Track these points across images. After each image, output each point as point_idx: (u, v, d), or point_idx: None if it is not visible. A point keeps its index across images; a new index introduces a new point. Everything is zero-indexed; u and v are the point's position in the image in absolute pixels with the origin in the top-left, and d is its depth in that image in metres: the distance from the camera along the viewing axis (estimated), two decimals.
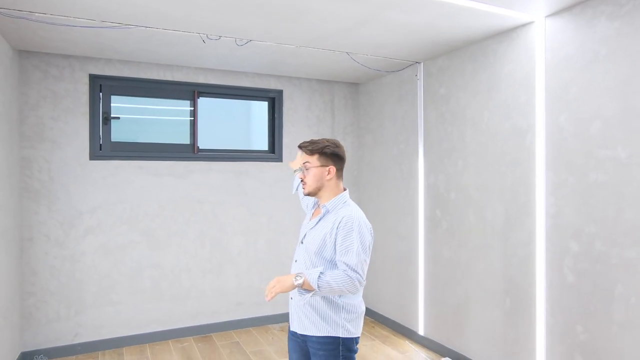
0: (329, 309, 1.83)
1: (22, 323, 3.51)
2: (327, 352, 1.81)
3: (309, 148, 1.90)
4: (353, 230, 1.77)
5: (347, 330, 1.85)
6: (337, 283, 1.71)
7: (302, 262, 1.91)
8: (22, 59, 3.50)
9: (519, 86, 2.93)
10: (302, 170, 1.91)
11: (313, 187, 1.91)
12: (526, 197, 2.87)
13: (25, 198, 3.52)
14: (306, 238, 1.92)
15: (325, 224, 1.85)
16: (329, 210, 1.88)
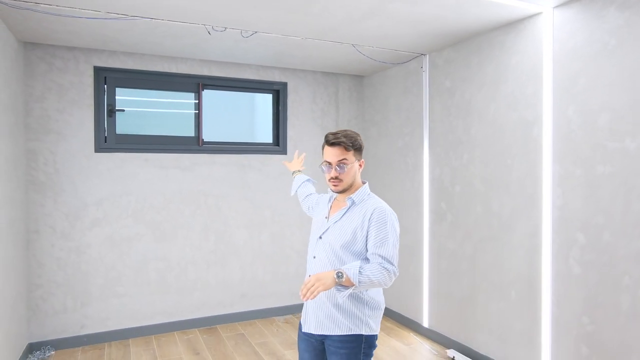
0: (353, 306, 1.76)
1: (29, 314, 3.53)
2: (348, 350, 1.76)
3: (348, 144, 1.76)
4: (387, 222, 1.73)
5: (369, 327, 1.79)
6: (376, 277, 1.64)
7: (324, 258, 1.80)
8: (27, 50, 3.50)
9: (526, 78, 2.91)
10: (333, 167, 1.76)
11: (349, 184, 1.80)
12: (533, 189, 2.86)
13: (31, 190, 3.53)
14: (328, 233, 1.81)
15: (353, 216, 1.78)
16: (355, 203, 1.81)
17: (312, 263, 1.86)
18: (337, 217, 1.82)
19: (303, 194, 2.28)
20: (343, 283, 1.61)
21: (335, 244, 1.78)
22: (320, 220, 1.91)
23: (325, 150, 1.81)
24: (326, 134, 1.82)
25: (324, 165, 1.81)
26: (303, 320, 1.90)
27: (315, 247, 1.85)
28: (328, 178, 1.80)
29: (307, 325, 1.86)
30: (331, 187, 1.81)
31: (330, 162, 1.78)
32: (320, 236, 1.84)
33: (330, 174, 1.78)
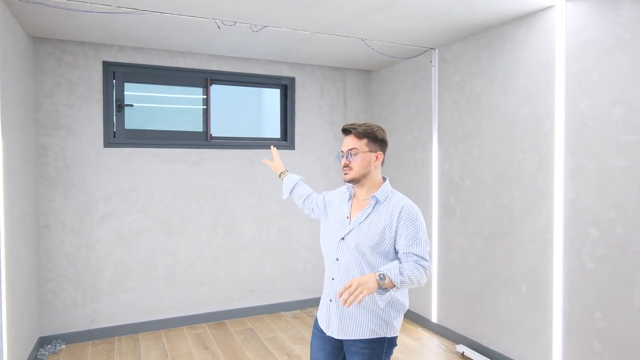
0: (380, 310, 1.72)
1: (40, 308, 3.56)
2: (372, 350, 1.73)
3: (358, 130, 1.74)
4: (416, 219, 1.71)
5: (393, 328, 1.76)
6: (415, 275, 1.62)
7: (350, 260, 1.74)
8: (37, 45, 3.50)
9: (538, 72, 2.89)
10: (345, 155, 1.77)
11: (360, 174, 1.75)
12: (544, 184, 2.85)
13: (42, 185, 3.54)
14: (352, 234, 1.74)
15: (380, 216, 1.73)
16: (379, 201, 1.75)
17: (334, 265, 1.78)
18: (361, 217, 1.75)
19: (301, 196, 2.16)
20: (385, 285, 1.58)
21: (362, 245, 1.71)
22: (340, 220, 1.82)
23: (344, 140, 1.82)
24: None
25: (343, 154, 1.80)
26: (324, 323, 1.82)
27: (338, 248, 1.77)
28: (342, 167, 1.80)
29: (329, 329, 1.79)
30: (344, 177, 1.80)
31: (342, 150, 1.80)
32: (343, 237, 1.77)
33: (343, 161, 1.78)
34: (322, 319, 1.85)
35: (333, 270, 1.78)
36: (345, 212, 1.82)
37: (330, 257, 1.81)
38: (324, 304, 1.84)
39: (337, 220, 1.83)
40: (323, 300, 1.87)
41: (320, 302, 1.91)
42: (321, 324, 1.85)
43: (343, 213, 1.83)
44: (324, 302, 1.85)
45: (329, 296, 1.80)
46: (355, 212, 1.80)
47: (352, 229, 1.76)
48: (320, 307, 1.90)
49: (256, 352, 3.47)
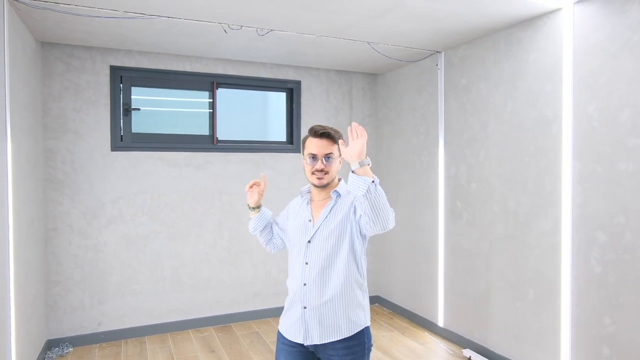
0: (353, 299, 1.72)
1: (48, 311, 3.58)
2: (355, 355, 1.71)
3: (334, 135, 1.73)
4: None
5: (367, 315, 1.78)
6: (384, 197, 1.54)
7: (319, 261, 1.72)
8: (45, 50, 3.53)
9: (545, 75, 2.87)
10: (320, 159, 1.72)
11: (332, 179, 1.76)
12: (552, 187, 2.83)
13: (50, 189, 3.57)
14: (318, 234, 1.74)
15: (341, 207, 1.74)
16: (340, 195, 1.77)
17: (304, 270, 1.74)
18: (324, 214, 1.76)
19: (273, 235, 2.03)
20: (362, 171, 1.50)
21: (329, 238, 1.72)
22: (302, 225, 1.80)
23: (310, 143, 1.75)
24: (311, 127, 1.77)
25: (308, 157, 1.74)
26: (298, 333, 1.74)
27: (306, 253, 1.75)
28: (312, 170, 1.74)
29: (308, 337, 1.72)
30: (314, 180, 1.75)
31: (316, 154, 1.73)
32: (310, 240, 1.75)
33: (316, 166, 1.72)
34: (293, 329, 1.76)
35: (304, 275, 1.74)
36: (306, 216, 1.81)
37: (298, 263, 1.77)
38: (296, 313, 1.75)
39: (299, 227, 1.81)
40: (292, 310, 1.77)
41: (287, 314, 1.80)
42: (292, 335, 1.76)
43: (304, 217, 1.81)
44: (295, 311, 1.75)
45: (302, 304, 1.73)
46: (317, 213, 1.79)
47: (318, 229, 1.75)
48: (287, 319, 1.79)
49: (262, 356, 3.47)
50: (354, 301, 1.73)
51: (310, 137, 1.76)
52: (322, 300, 1.70)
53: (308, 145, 1.76)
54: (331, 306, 1.70)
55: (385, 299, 4.64)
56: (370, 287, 4.75)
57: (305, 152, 1.77)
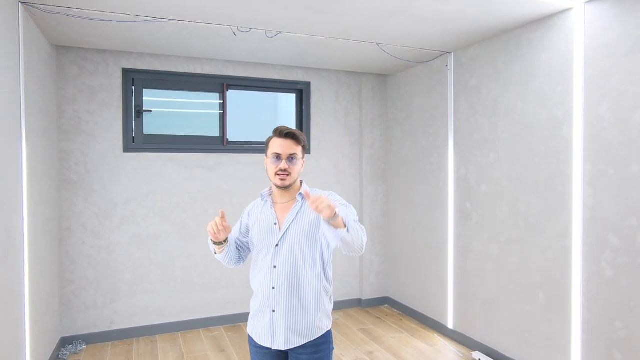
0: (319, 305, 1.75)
1: (62, 309, 3.65)
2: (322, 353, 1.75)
3: (300, 138, 1.75)
4: (338, 199, 1.76)
5: (331, 320, 1.82)
6: (357, 229, 1.58)
7: (287, 264, 1.72)
8: (60, 54, 3.61)
9: (555, 75, 2.84)
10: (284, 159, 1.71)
11: (294, 180, 1.76)
12: (562, 189, 2.79)
13: (64, 189, 3.64)
14: (286, 236, 1.74)
15: (307, 211, 1.74)
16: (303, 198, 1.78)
17: (273, 273, 1.73)
18: (290, 217, 1.75)
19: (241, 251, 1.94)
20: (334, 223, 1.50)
21: (298, 242, 1.72)
22: (268, 229, 1.77)
23: (274, 143, 1.74)
24: (276, 128, 1.76)
25: (272, 157, 1.73)
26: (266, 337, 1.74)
27: (274, 256, 1.74)
28: (276, 171, 1.72)
29: (275, 342, 1.72)
30: (277, 181, 1.73)
31: (280, 153, 1.71)
32: (277, 244, 1.74)
33: (280, 165, 1.71)
34: (263, 333, 1.75)
35: (272, 279, 1.73)
36: (271, 219, 1.78)
37: (265, 267, 1.75)
38: (264, 317, 1.74)
39: (264, 230, 1.78)
40: (260, 314, 1.76)
41: (255, 318, 1.79)
42: (261, 340, 1.76)
43: (269, 221, 1.78)
44: (263, 315, 1.75)
45: (270, 307, 1.72)
46: (283, 216, 1.78)
47: (285, 232, 1.74)
48: (256, 323, 1.78)
49: None
50: (322, 307, 1.76)
51: (275, 137, 1.75)
52: (291, 304, 1.71)
53: (272, 145, 1.74)
54: (300, 311, 1.72)
55: (395, 300, 4.63)
56: (379, 288, 4.75)
57: (269, 152, 1.75)
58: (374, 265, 4.72)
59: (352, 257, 4.67)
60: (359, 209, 4.68)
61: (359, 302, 4.70)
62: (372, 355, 3.49)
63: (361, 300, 4.69)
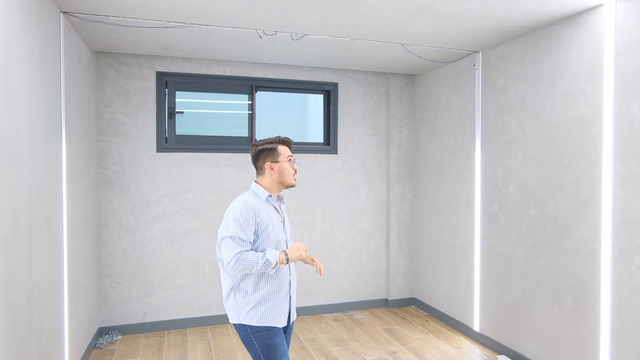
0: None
1: (100, 301, 3.86)
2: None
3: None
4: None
5: None
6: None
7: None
8: (99, 59, 3.81)
9: (585, 74, 2.76)
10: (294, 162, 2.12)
11: None
12: (591, 191, 2.71)
13: (102, 188, 3.85)
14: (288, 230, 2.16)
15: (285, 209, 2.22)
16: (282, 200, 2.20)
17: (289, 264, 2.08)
18: (286, 216, 2.18)
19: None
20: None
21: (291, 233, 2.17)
22: (278, 225, 2.07)
23: (284, 149, 2.10)
24: (278, 137, 2.12)
25: (288, 161, 2.08)
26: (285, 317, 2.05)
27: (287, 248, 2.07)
28: (294, 172, 2.10)
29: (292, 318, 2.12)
30: (293, 181, 2.09)
31: (292, 157, 2.12)
32: (287, 238, 2.12)
33: (295, 167, 2.11)
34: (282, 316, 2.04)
35: (290, 268, 2.10)
36: (277, 217, 2.09)
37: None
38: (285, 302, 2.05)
39: (275, 227, 2.04)
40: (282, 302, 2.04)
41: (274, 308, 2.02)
42: (282, 321, 2.03)
43: (277, 218, 2.08)
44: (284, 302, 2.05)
45: (288, 292, 2.08)
46: (282, 213, 2.14)
47: (287, 227, 2.15)
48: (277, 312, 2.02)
49: (295, 352, 3.56)
50: None
51: (280, 145, 2.10)
52: (296, 286, 2.15)
53: (283, 151, 2.09)
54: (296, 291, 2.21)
55: (422, 301, 4.61)
56: (406, 289, 4.74)
57: (281, 157, 2.07)
58: (401, 266, 4.71)
59: (379, 257, 4.68)
60: (386, 209, 4.69)
61: (386, 302, 4.71)
62: (395, 355, 3.49)
63: (388, 300, 4.70)
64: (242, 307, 1.99)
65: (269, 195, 2.05)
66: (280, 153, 2.08)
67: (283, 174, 2.06)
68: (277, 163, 2.06)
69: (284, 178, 2.07)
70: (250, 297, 1.99)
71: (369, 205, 4.64)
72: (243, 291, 2.00)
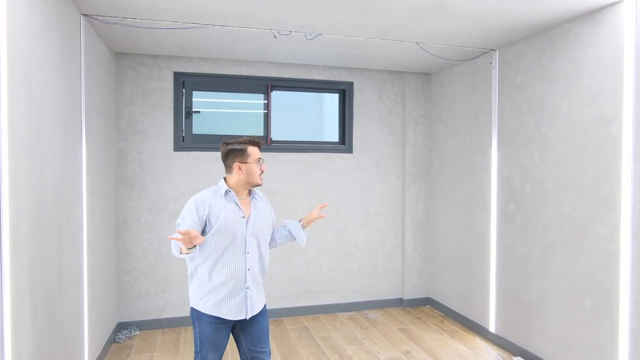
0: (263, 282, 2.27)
1: (119, 297, 3.95)
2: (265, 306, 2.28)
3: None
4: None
5: None
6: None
7: (255, 249, 2.17)
8: (118, 60, 3.90)
9: (604, 72, 2.71)
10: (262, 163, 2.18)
11: None
12: (610, 191, 2.66)
13: (121, 186, 3.93)
14: (253, 227, 2.15)
15: (261, 205, 2.23)
16: (256, 196, 2.25)
17: (247, 258, 2.14)
18: (253, 210, 2.18)
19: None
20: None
21: (261, 232, 2.18)
22: (237, 220, 2.12)
23: (254, 150, 2.15)
24: (247, 138, 2.18)
25: (257, 162, 2.14)
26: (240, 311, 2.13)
27: (247, 243, 2.13)
28: (260, 173, 2.16)
29: (251, 311, 2.16)
30: (260, 180, 2.16)
31: (261, 158, 2.17)
32: (247, 233, 2.14)
33: (263, 167, 2.17)
34: (236, 309, 2.12)
35: (247, 262, 2.14)
36: (238, 212, 2.14)
37: (240, 252, 2.12)
38: (238, 295, 2.11)
39: (234, 221, 2.11)
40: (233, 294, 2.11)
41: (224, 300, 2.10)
42: (234, 315, 2.12)
43: (237, 214, 2.13)
44: (237, 294, 2.11)
45: (245, 286, 2.13)
46: (246, 209, 2.17)
47: (252, 223, 2.15)
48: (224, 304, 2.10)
49: (309, 350, 3.59)
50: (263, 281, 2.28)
51: (249, 146, 2.16)
52: (260, 280, 2.21)
53: (252, 153, 2.15)
54: (260, 284, 2.22)
55: (437, 301, 4.58)
56: (421, 288, 4.72)
57: (250, 159, 2.14)
58: (416, 265, 4.69)
59: (393, 256, 4.67)
60: (401, 208, 4.68)
61: (400, 301, 4.69)
62: (409, 355, 3.48)
63: (402, 300, 4.68)
64: (196, 293, 2.14)
65: (227, 191, 2.14)
66: (249, 154, 2.14)
67: (250, 174, 2.14)
68: (246, 164, 2.13)
69: (251, 178, 2.15)
70: (204, 285, 2.11)
71: (384, 205, 4.63)
72: (199, 279, 2.13)
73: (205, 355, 2.12)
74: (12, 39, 1.86)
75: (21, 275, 1.93)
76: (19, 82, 1.93)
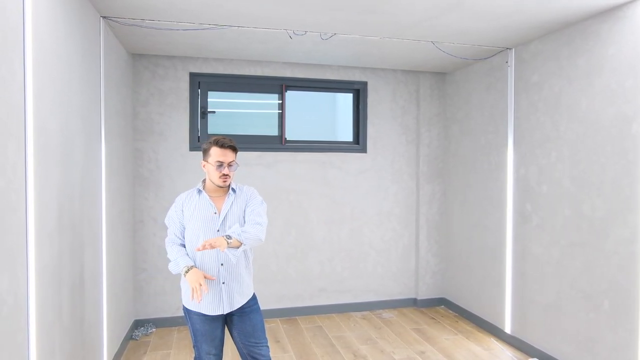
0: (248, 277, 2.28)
1: (136, 294, 4.00)
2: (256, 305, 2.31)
3: (236, 148, 2.23)
4: (257, 197, 2.29)
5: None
6: (254, 231, 2.12)
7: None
8: (135, 61, 3.95)
9: (624, 70, 2.67)
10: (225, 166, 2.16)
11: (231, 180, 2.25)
12: (630, 191, 2.62)
13: (137, 185, 3.99)
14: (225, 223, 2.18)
15: (239, 201, 2.24)
16: (236, 192, 2.26)
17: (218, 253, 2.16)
18: (226, 206, 2.21)
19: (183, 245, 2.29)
20: (232, 245, 2.03)
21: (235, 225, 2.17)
22: (209, 217, 2.19)
23: (215, 152, 2.16)
24: (216, 139, 2.19)
25: (215, 164, 2.15)
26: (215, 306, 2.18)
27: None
28: (219, 175, 2.16)
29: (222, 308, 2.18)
30: (220, 182, 2.17)
31: (222, 161, 2.16)
32: (219, 229, 2.17)
33: (223, 171, 2.16)
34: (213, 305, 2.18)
35: (219, 257, 2.17)
36: (210, 209, 2.20)
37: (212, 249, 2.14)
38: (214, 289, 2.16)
39: (205, 218, 2.19)
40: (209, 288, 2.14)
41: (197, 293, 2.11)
42: (210, 310, 2.18)
43: (209, 210, 2.20)
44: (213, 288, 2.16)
45: (221, 280, 2.17)
46: (219, 206, 2.22)
47: (224, 219, 2.19)
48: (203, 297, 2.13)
49: (323, 349, 3.60)
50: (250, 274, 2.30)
51: (215, 147, 2.18)
52: (243, 274, 2.23)
53: (213, 154, 2.17)
54: (241, 279, 2.22)
55: (451, 301, 4.55)
56: (435, 289, 4.69)
57: (210, 159, 2.18)
58: (430, 265, 4.67)
59: (408, 256, 4.66)
60: (415, 208, 4.66)
61: (414, 301, 4.68)
62: (424, 355, 3.47)
63: (416, 300, 4.67)
64: (184, 290, 2.25)
65: (199, 189, 2.25)
66: (210, 154, 2.19)
67: (210, 173, 2.21)
68: (207, 163, 2.21)
69: (211, 177, 2.21)
70: (186, 282, 2.19)
71: (398, 204, 4.62)
72: (181, 276, 2.20)
73: (200, 347, 2.23)
74: (37, 41, 1.90)
75: (46, 272, 1.97)
76: (44, 83, 1.97)
